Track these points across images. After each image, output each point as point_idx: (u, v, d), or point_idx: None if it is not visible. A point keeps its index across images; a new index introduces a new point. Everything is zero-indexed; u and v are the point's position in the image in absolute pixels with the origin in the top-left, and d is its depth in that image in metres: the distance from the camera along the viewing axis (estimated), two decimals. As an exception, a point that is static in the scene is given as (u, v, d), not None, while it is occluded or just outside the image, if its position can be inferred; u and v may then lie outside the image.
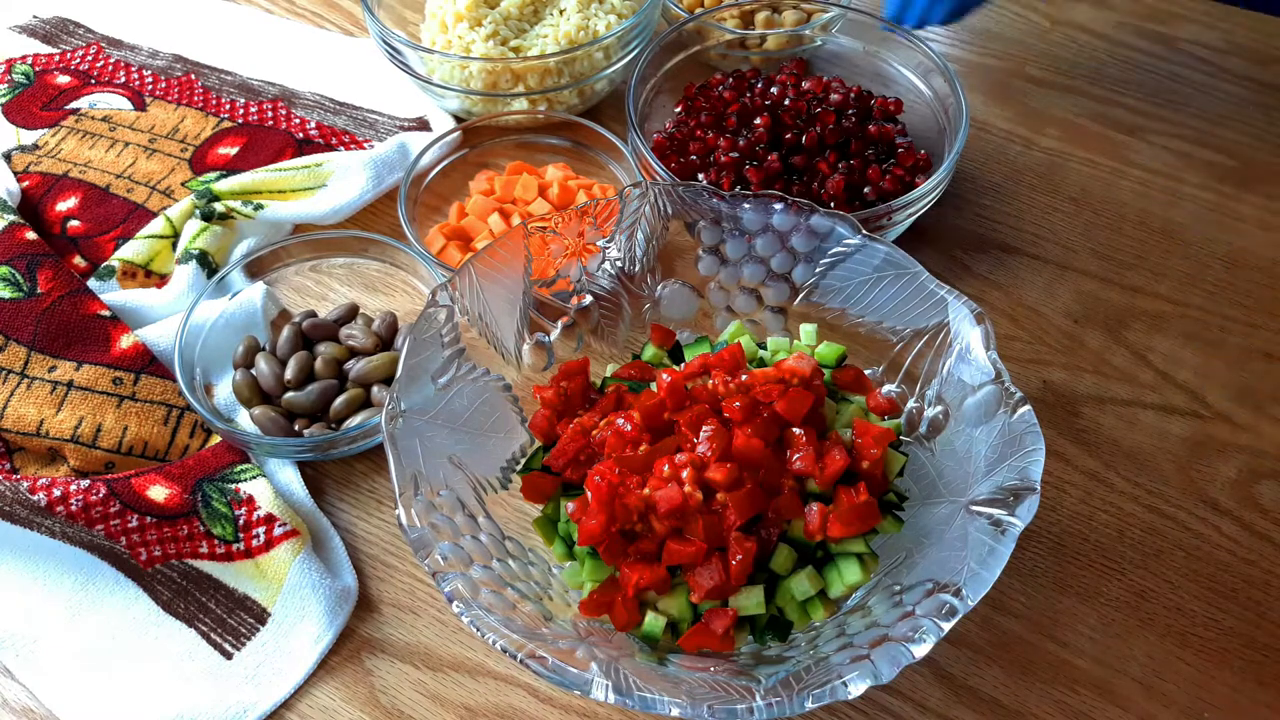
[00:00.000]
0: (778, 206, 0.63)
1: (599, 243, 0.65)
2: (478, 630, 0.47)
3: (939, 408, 0.58)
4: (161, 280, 0.77)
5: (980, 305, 0.58)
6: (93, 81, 0.92)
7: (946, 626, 0.46)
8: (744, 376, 0.55)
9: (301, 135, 0.86)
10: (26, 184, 0.82)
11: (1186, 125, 0.87)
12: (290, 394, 0.67)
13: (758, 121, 0.75)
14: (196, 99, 0.90)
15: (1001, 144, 0.86)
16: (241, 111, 0.88)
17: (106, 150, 0.85)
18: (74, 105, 0.89)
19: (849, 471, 0.54)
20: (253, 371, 0.69)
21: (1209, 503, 0.65)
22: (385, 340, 0.70)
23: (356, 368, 0.68)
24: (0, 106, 0.89)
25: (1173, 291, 0.76)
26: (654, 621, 0.53)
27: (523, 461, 0.62)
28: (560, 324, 0.66)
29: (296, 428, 0.67)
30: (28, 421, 0.66)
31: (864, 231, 0.61)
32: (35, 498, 0.60)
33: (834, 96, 0.78)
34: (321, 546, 0.63)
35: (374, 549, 0.64)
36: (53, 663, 0.59)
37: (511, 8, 0.86)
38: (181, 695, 0.57)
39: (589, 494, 0.53)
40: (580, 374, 0.61)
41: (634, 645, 0.53)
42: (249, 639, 0.60)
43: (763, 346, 0.64)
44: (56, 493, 0.60)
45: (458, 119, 0.87)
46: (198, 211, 0.77)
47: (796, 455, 0.53)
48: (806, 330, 0.63)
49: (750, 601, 0.52)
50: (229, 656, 0.59)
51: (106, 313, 0.72)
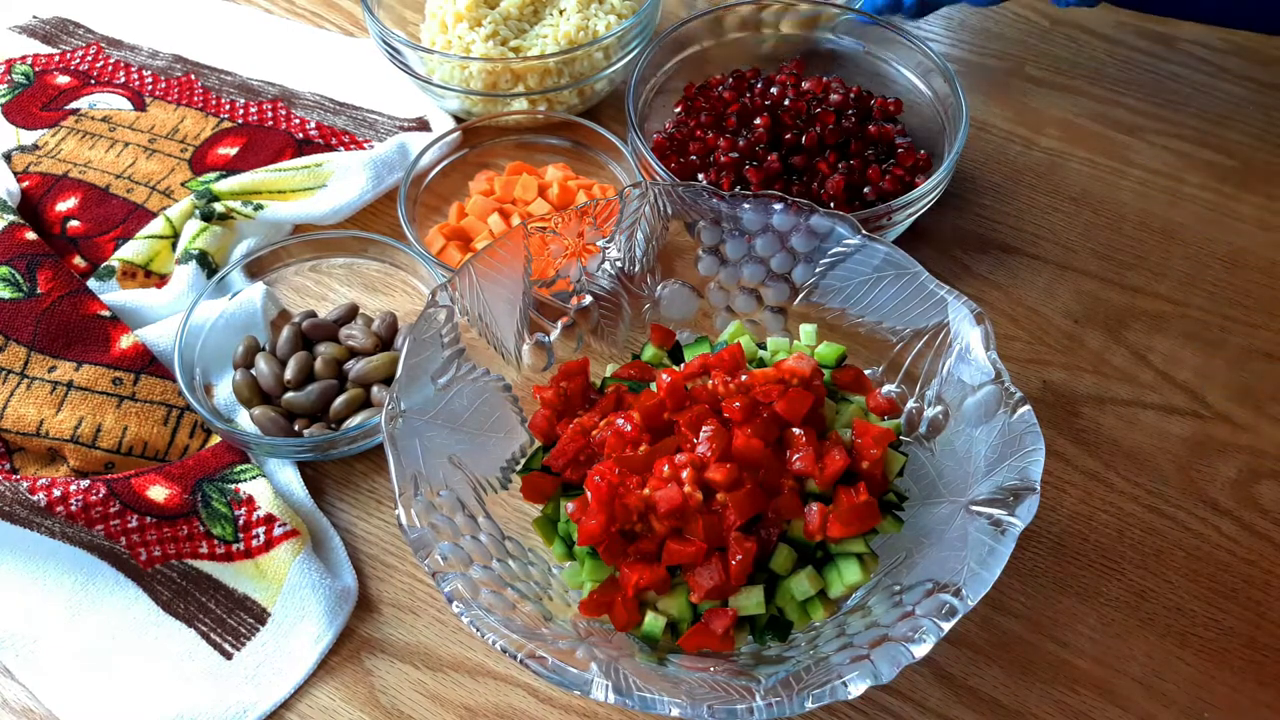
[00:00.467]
0: (778, 206, 0.63)
1: (599, 243, 0.65)
2: (478, 630, 0.47)
3: (939, 408, 0.58)
4: (161, 280, 0.77)
5: (980, 305, 0.58)
6: (93, 82, 0.92)
7: (946, 626, 0.46)
8: (744, 376, 0.55)
9: (301, 135, 0.86)
10: (26, 184, 0.82)
11: (1186, 125, 0.87)
12: (290, 394, 0.67)
13: (758, 121, 0.75)
14: (196, 99, 0.90)
15: (1001, 144, 0.86)
16: (241, 112, 0.89)
17: (106, 150, 0.85)
18: (74, 105, 0.89)
19: (849, 471, 0.54)
20: (253, 371, 0.69)
21: (1209, 503, 0.65)
22: (385, 340, 0.70)
23: (356, 368, 0.68)
24: (0, 106, 0.89)
25: (1173, 291, 0.76)
26: (654, 621, 0.53)
27: (523, 461, 0.62)
28: (560, 324, 0.66)
29: (296, 428, 0.67)
30: (28, 422, 0.66)
31: (864, 231, 0.61)
32: (35, 498, 0.60)
33: (834, 96, 0.78)
34: (321, 546, 0.63)
35: (374, 549, 0.64)
36: (53, 663, 0.59)
37: (511, 8, 0.86)
38: (181, 695, 0.57)
39: (589, 494, 0.53)
40: (580, 374, 0.61)
41: (634, 645, 0.53)
42: (249, 639, 0.60)
43: (763, 346, 0.64)
44: (56, 493, 0.60)
45: (458, 119, 0.87)
46: (198, 212, 0.77)
47: (796, 455, 0.53)
48: (806, 330, 0.63)
49: (750, 601, 0.52)
50: (229, 656, 0.59)
51: (106, 313, 0.72)
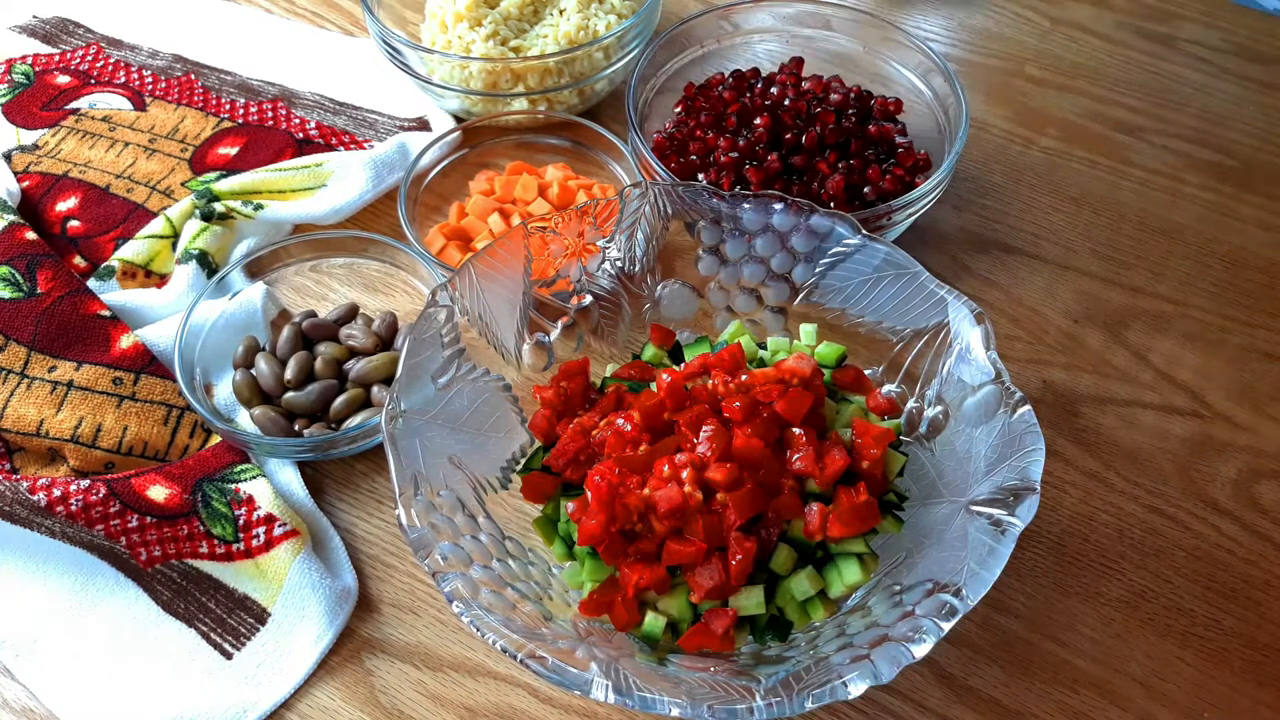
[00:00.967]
0: (778, 206, 0.63)
1: (599, 243, 0.65)
2: (478, 630, 0.47)
3: (939, 408, 0.58)
4: (161, 280, 0.77)
5: (980, 305, 0.58)
6: (93, 81, 0.92)
7: (946, 626, 0.46)
8: (744, 376, 0.55)
9: (301, 135, 0.86)
10: (26, 184, 0.82)
11: (1186, 125, 0.87)
12: (290, 394, 0.67)
13: (757, 121, 0.75)
14: (196, 99, 0.90)
15: (1001, 144, 0.86)
16: (241, 111, 0.88)
17: (106, 150, 0.85)
18: (74, 105, 0.89)
19: (849, 471, 0.54)
20: (253, 371, 0.69)
21: (1209, 503, 0.65)
22: (385, 340, 0.70)
23: (356, 368, 0.68)
24: (0, 106, 0.89)
25: (1173, 291, 0.76)
26: (654, 621, 0.53)
27: (523, 461, 0.62)
28: (560, 324, 0.66)
29: (296, 428, 0.67)
30: (28, 421, 0.66)
31: (864, 231, 0.61)
32: (35, 498, 0.60)
33: (834, 96, 0.78)
34: (321, 546, 0.63)
35: (374, 549, 0.64)
36: (53, 663, 0.59)
37: (511, 8, 0.86)
38: (181, 695, 0.57)
39: (589, 494, 0.53)
40: (580, 374, 0.61)
41: (634, 645, 0.53)
42: (249, 639, 0.60)
43: (763, 346, 0.64)
44: (56, 493, 0.60)
45: (458, 119, 0.87)
46: (198, 211, 0.77)
47: (796, 455, 0.53)
48: (806, 330, 0.63)
49: (750, 601, 0.52)
50: (229, 656, 0.59)
51: (106, 313, 0.72)
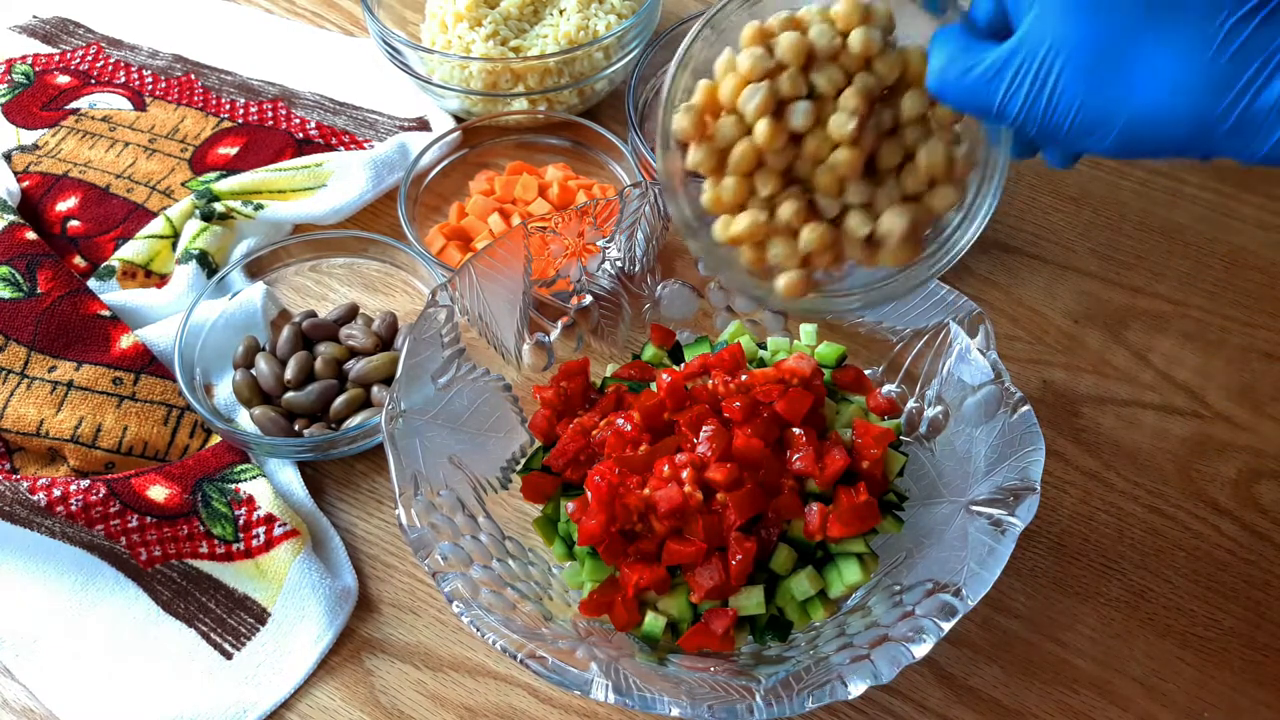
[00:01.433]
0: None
1: (599, 243, 0.65)
2: (478, 630, 0.47)
3: (939, 408, 0.58)
4: (161, 280, 0.77)
5: (980, 305, 0.58)
6: (93, 81, 0.92)
7: (946, 626, 0.46)
8: (744, 376, 0.55)
9: (301, 135, 0.86)
10: (26, 184, 0.82)
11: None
12: (290, 394, 0.67)
13: (758, 121, 0.75)
14: (196, 99, 0.90)
15: (1001, 144, 0.86)
16: (241, 111, 0.89)
17: (106, 150, 0.85)
18: (74, 105, 0.89)
19: (849, 471, 0.54)
20: (253, 371, 0.69)
21: (1209, 503, 0.65)
22: (385, 340, 0.70)
23: (356, 368, 0.68)
24: (0, 106, 0.89)
25: (1173, 291, 0.76)
26: (654, 621, 0.53)
27: (523, 461, 0.62)
28: (560, 324, 0.66)
29: (296, 428, 0.67)
30: (28, 421, 0.66)
31: (864, 231, 0.61)
32: (35, 498, 0.60)
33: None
34: (321, 546, 0.63)
35: (374, 549, 0.64)
36: (53, 663, 0.59)
37: (511, 8, 0.86)
38: (181, 695, 0.57)
39: (589, 494, 0.53)
40: (580, 374, 0.61)
41: (634, 645, 0.53)
42: (249, 639, 0.60)
43: (763, 346, 0.64)
44: (56, 493, 0.60)
45: (458, 119, 0.87)
46: (198, 211, 0.77)
47: (796, 455, 0.53)
48: (806, 330, 0.63)
49: (750, 601, 0.52)
50: (229, 656, 0.59)
51: (106, 313, 0.72)
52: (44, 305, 0.71)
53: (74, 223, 0.80)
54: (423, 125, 0.87)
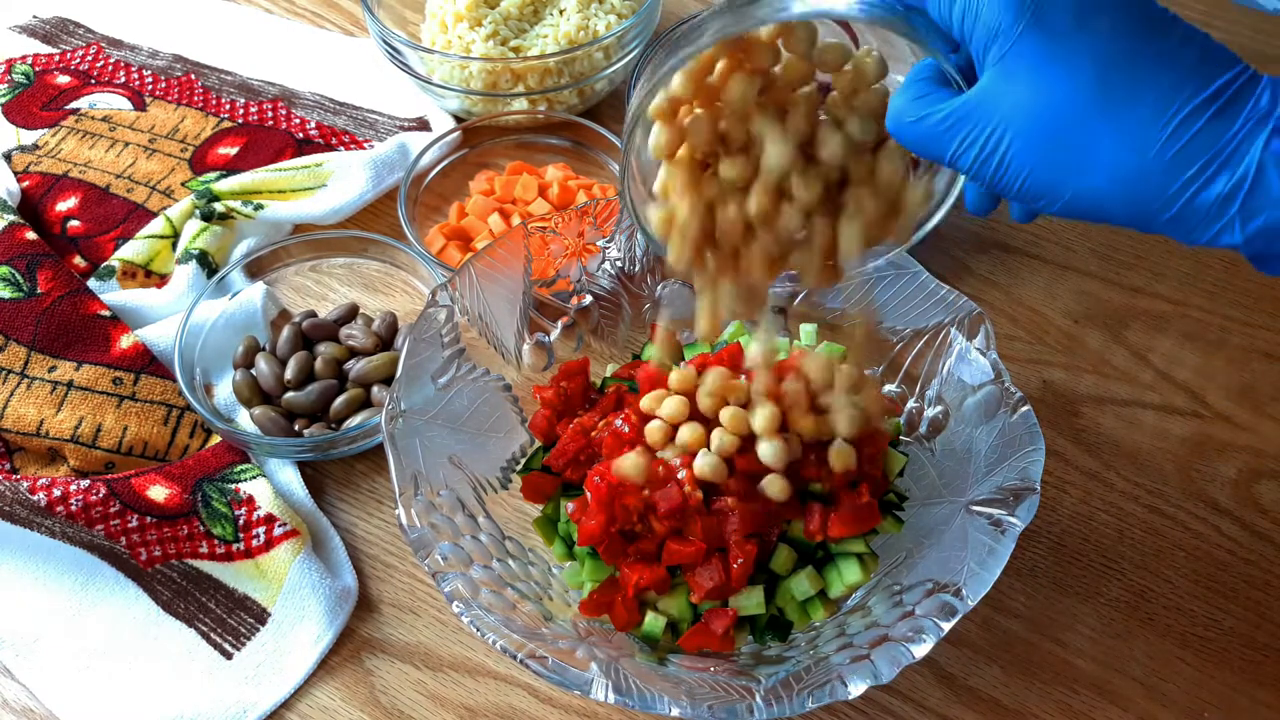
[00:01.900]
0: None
1: (599, 243, 0.65)
2: (478, 630, 0.47)
3: (939, 408, 0.58)
4: (161, 280, 0.77)
5: (980, 305, 0.58)
6: (93, 81, 0.92)
7: (946, 626, 0.46)
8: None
9: (301, 135, 0.86)
10: (26, 184, 0.82)
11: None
12: (290, 394, 0.67)
13: (758, 121, 0.75)
14: (196, 99, 0.90)
15: (1001, 144, 0.86)
16: (241, 111, 0.88)
17: (106, 150, 0.85)
18: (74, 105, 0.89)
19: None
20: (253, 371, 0.69)
21: (1209, 503, 0.65)
22: (385, 340, 0.70)
23: (356, 368, 0.68)
24: (0, 106, 0.89)
25: (1173, 291, 0.76)
26: (654, 621, 0.53)
27: (523, 461, 0.62)
28: (560, 324, 0.66)
29: (296, 428, 0.67)
30: (28, 421, 0.66)
31: (864, 231, 0.61)
32: (35, 498, 0.60)
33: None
34: (321, 546, 0.63)
35: (374, 549, 0.64)
36: (53, 663, 0.59)
37: (511, 8, 0.86)
38: (181, 695, 0.57)
39: (588, 494, 0.53)
40: (580, 374, 0.61)
41: (634, 645, 0.53)
42: (249, 639, 0.60)
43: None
44: (56, 493, 0.60)
45: (458, 119, 0.87)
46: (198, 211, 0.77)
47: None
48: (806, 330, 0.63)
49: (750, 602, 0.52)
50: (229, 656, 0.59)
51: (106, 313, 0.72)
52: (44, 305, 0.71)
53: (74, 223, 0.80)
54: (423, 125, 0.87)
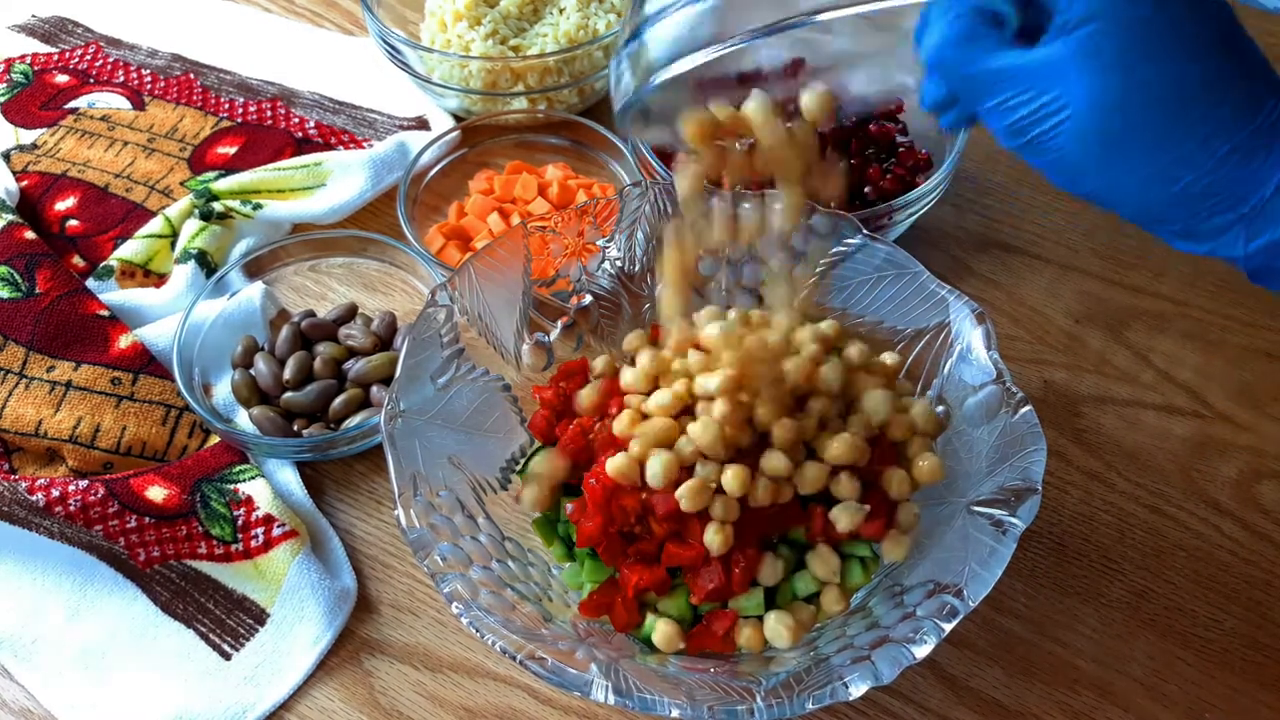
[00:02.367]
0: (778, 206, 0.63)
1: (599, 242, 0.65)
2: (477, 631, 0.47)
3: (940, 408, 0.58)
4: (160, 280, 0.76)
5: (981, 305, 0.58)
6: (91, 81, 0.91)
7: (947, 627, 0.46)
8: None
9: (300, 134, 0.86)
10: (25, 183, 0.82)
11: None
12: (289, 394, 0.67)
13: (758, 121, 0.75)
14: (195, 98, 0.90)
15: (1002, 143, 0.86)
16: (240, 111, 0.88)
17: (105, 150, 0.85)
18: (73, 105, 0.89)
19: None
20: (251, 371, 0.69)
21: (1210, 503, 0.65)
22: (384, 340, 0.70)
23: (355, 368, 0.68)
24: (-1, 106, 0.89)
25: (1174, 291, 0.76)
26: (654, 622, 0.53)
27: (522, 461, 0.61)
28: (560, 324, 0.65)
29: (295, 428, 0.66)
30: (26, 421, 0.66)
31: (864, 231, 0.61)
32: (34, 498, 0.60)
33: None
34: (320, 547, 0.63)
35: (373, 549, 0.64)
36: (51, 663, 0.59)
37: (511, 6, 0.86)
38: (180, 696, 0.57)
39: (586, 496, 0.53)
40: (580, 374, 0.60)
41: (634, 646, 0.53)
42: (248, 640, 0.59)
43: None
44: (55, 493, 0.60)
45: (457, 118, 0.87)
46: (196, 211, 0.77)
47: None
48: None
49: (750, 603, 0.52)
50: (228, 657, 0.59)
51: (105, 312, 0.72)
52: (43, 305, 0.71)
53: (73, 222, 0.79)
54: (422, 124, 0.87)
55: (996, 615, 0.60)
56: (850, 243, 0.61)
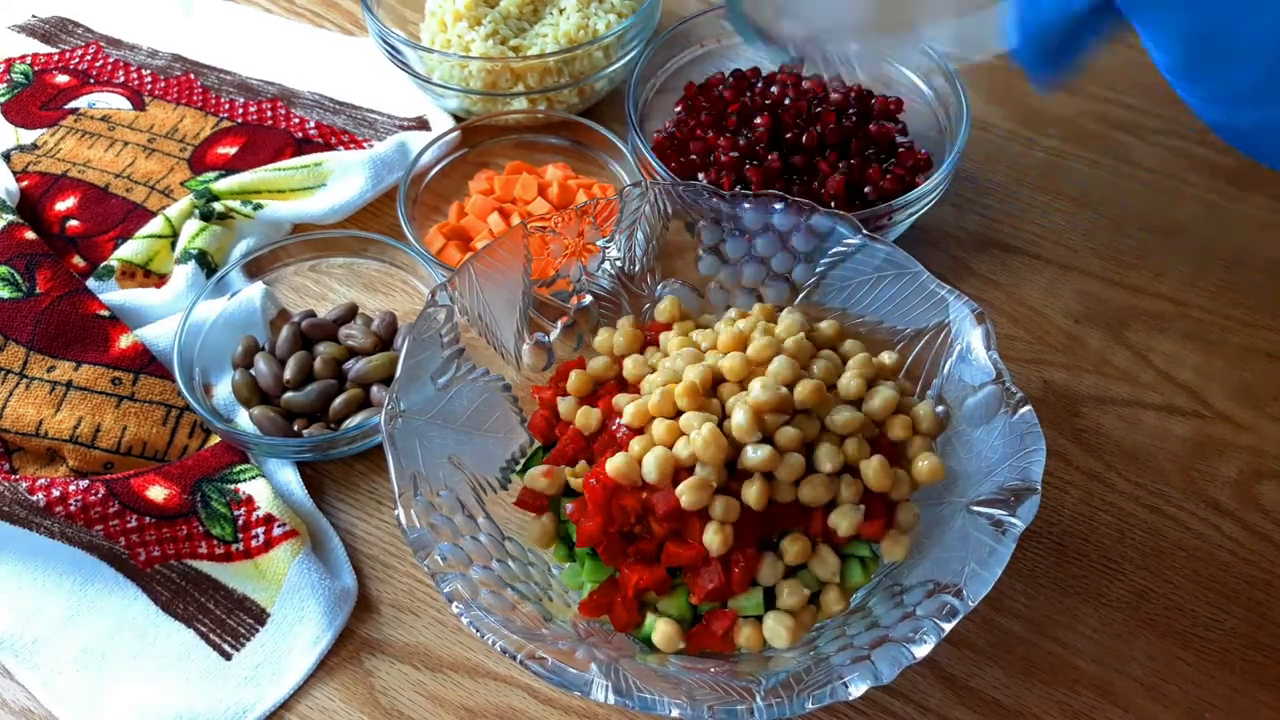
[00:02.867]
0: (778, 206, 0.63)
1: (599, 242, 0.65)
2: (477, 631, 0.47)
3: (940, 408, 0.58)
4: (160, 280, 0.76)
5: (981, 305, 0.58)
6: (92, 81, 0.91)
7: (947, 627, 0.46)
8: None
9: (301, 135, 0.86)
10: (25, 184, 0.82)
11: (1188, 124, 0.87)
12: (289, 394, 0.67)
13: (758, 121, 0.75)
14: (195, 98, 0.90)
15: (1002, 143, 0.86)
16: (241, 111, 0.88)
17: (105, 150, 0.85)
18: (73, 105, 0.89)
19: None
20: (252, 371, 0.69)
21: (1210, 503, 0.65)
22: (385, 340, 0.70)
23: (356, 368, 0.68)
24: (-1, 106, 0.89)
25: (1174, 291, 0.76)
26: (654, 622, 0.53)
27: (522, 462, 0.61)
28: (560, 324, 0.65)
29: (295, 428, 0.66)
30: (26, 422, 0.66)
31: (864, 231, 0.61)
32: (34, 498, 0.60)
33: (834, 96, 0.78)
34: (321, 547, 0.63)
35: (373, 549, 0.64)
36: (52, 663, 0.59)
37: (511, 7, 0.86)
38: (180, 695, 0.57)
39: (585, 496, 0.53)
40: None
41: (634, 646, 0.53)
42: (248, 639, 0.59)
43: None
44: (55, 493, 0.60)
45: (457, 118, 0.87)
46: (197, 211, 0.77)
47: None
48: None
49: (750, 603, 0.52)
50: (228, 657, 0.59)
51: (105, 313, 0.72)
52: (43, 305, 0.71)
53: (73, 222, 0.79)
54: (422, 125, 0.87)
55: (996, 615, 0.60)
56: (850, 243, 0.61)
